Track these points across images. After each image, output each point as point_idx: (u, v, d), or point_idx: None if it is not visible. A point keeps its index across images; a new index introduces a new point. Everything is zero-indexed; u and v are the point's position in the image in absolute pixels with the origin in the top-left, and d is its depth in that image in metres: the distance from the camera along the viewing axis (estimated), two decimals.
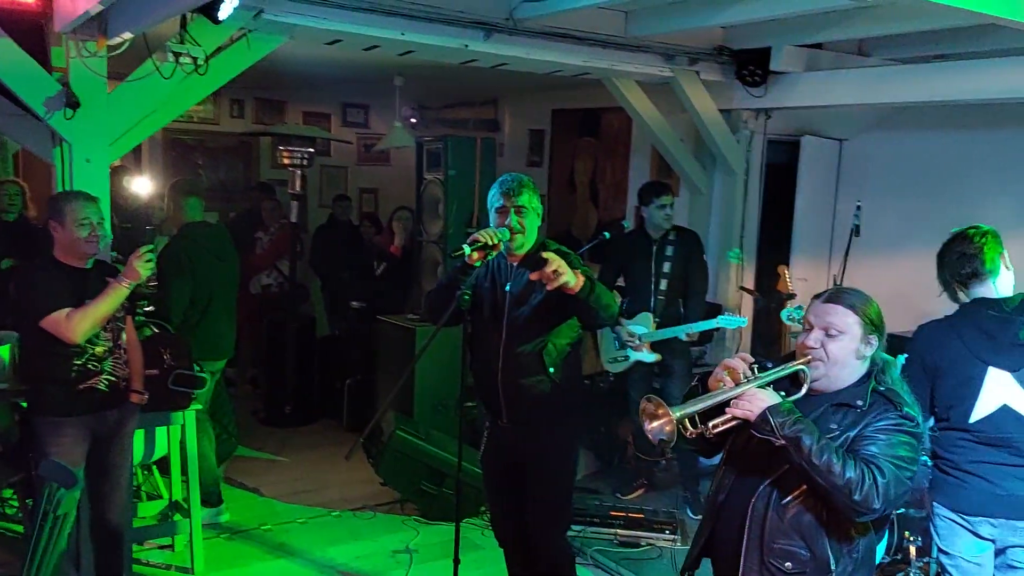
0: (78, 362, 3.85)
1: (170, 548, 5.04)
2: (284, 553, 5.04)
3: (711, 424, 2.52)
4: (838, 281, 5.41)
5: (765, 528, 2.53)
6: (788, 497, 2.51)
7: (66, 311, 3.74)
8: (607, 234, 5.57)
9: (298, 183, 7.33)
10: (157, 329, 4.92)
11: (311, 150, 7.35)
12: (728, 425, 2.52)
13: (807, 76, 6.11)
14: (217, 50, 4.52)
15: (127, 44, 4.31)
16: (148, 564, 4.88)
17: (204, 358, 5.12)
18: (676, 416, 2.44)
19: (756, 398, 2.47)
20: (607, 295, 3.57)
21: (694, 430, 2.52)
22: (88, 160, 4.38)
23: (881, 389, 2.53)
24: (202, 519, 4.93)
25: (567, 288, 3.40)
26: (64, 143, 4.35)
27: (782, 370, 2.58)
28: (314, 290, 8.63)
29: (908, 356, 3.40)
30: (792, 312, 4.91)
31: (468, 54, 5.28)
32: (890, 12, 4.61)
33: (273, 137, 8.42)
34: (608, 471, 6.30)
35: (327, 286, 8.46)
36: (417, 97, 9.77)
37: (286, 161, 7.24)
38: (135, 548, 4.77)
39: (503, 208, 3.67)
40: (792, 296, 5.36)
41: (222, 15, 3.99)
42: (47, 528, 3.22)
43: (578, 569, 4.08)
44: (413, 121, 9.71)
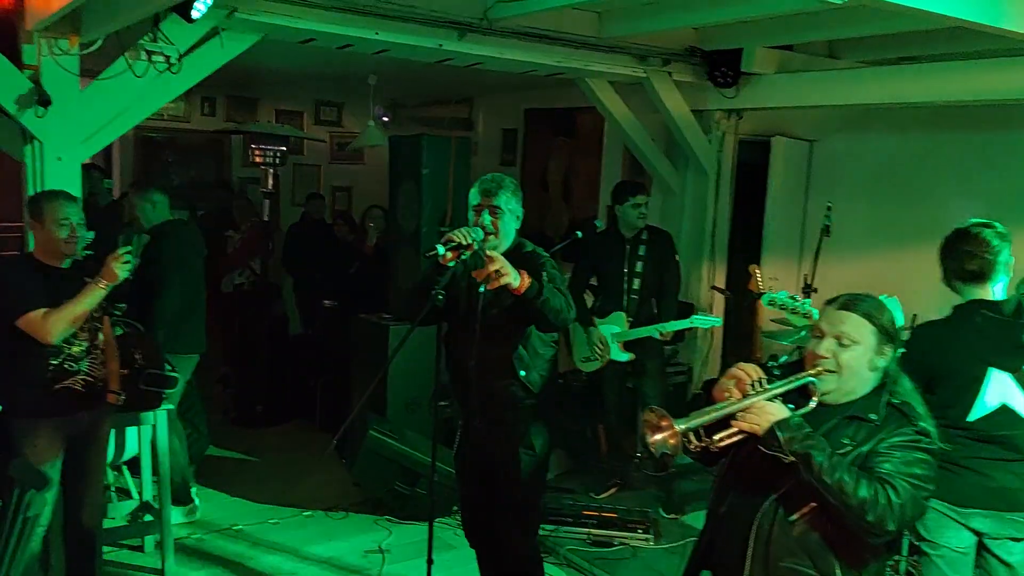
0: (54, 362, 3.80)
1: (140, 549, 5.00)
2: (256, 554, 5.01)
3: (716, 437, 2.42)
4: (809, 280, 5.44)
5: (771, 546, 2.42)
6: (795, 514, 2.40)
7: (43, 311, 3.69)
8: (579, 233, 5.58)
9: (270, 181, 7.31)
10: (128, 328, 4.88)
11: (283, 148, 7.34)
12: (734, 440, 2.43)
13: (778, 77, 6.19)
14: (190, 48, 4.50)
15: (99, 42, 4.28)
16: (118, 565, 4.83)
17: (188, 352, 5.12)
18: (681, 429, 2.34)
19: (764, 412, 2.37)
20: (559, 300, 3.50)
21: (698, 443, 2.42)
22: (59, 158, 4.36)
23: (896, 402, 2.44)
24: (172, 519, 4.89)
25: (511, 289, 3.39)
26: (35, 141, 4.32)
27: (791, 382, 2.47)
28: (286, 289, 8.58)
29: (905, 355, 3.39)
30: (774, 297, 4.43)
31: (442, 53, 5.28)
32: (859, 15, 4.67)
33: (245, 135, 8.38)
34: (581, 470, 6.28)
35: (299, 285, 8.41)
36: (392, 95, 9.74)
37: (258, 159, 7.23)
38: (105, 549, 4.72)
39: (479, 206, 3.66)
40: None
41: (195, 14, 3.99)
42: (16, 530, 3.19)
43: (551, 569, 4.08)
44: (386, 120, 9.68)
